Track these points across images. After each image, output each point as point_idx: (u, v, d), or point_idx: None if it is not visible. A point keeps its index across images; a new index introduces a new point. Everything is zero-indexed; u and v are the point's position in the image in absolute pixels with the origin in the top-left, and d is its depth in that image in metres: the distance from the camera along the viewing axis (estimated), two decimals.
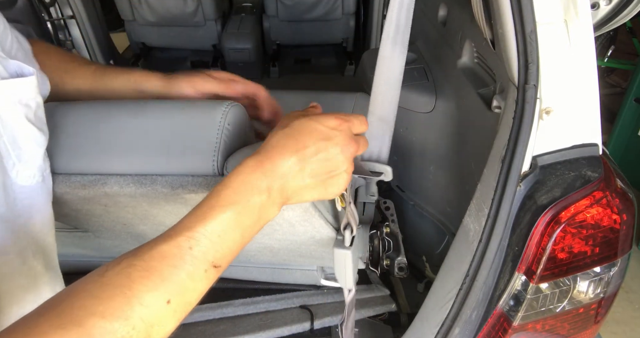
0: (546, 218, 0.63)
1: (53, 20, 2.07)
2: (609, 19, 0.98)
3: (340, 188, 0.50)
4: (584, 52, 0.63)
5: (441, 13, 1.23)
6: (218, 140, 0.62)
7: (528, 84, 0.61)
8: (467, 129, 1.04)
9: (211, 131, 0.62)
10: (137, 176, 0.63)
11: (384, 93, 0.75)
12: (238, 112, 0.65)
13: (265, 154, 0.46)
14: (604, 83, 3.15)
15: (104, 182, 0.63)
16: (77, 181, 0.63)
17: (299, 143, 0.46)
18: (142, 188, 0.63)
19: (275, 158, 0.45)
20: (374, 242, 0.93)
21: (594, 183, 0.64)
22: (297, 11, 2.61)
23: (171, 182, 0.63)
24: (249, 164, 0.45)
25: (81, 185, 0.63)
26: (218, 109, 0.63)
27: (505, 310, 0.67)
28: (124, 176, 0.63)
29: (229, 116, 0.63)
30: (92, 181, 0.63)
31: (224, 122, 0.62)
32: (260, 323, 0.85)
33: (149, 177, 0.63)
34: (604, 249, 0.64)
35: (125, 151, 0.63)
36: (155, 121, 0.63)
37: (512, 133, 0.63)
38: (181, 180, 0.63)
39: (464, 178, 1.07)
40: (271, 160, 0.45)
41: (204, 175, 0.63)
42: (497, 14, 0.63)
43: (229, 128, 0.62)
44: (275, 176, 0.45)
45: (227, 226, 0.42)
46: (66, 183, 0.63)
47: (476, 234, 0.67)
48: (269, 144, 0.47)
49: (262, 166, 0.45)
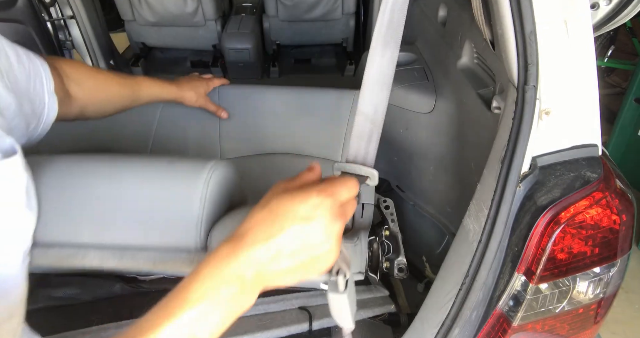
0: (546, 219, 0.63)
1: (53, 20, 2.07)
2: (609, 19, 0.98)
3: (326, 266, 0.46)
4: (583, 53, 0.63)
5: (441, 13, 1.23)
6: (200, 212, 0.57)
7: (528, 84, 0.61)
8: (467, 130, 1.04)
9: (193, 202, 0.57)
10: (118, 250, 0.59)
11: (372, 92, 0.73)
12: (223, 172, 0.60)
13: (239, 239, 0.43)
14: (604, 83, 3.15)
15: (83, 255, 0.59)
16: (54, 254, 0.59)
17: (274, 227, 0.42)
18: (123, 262, 0.59)
19: (249, 245, 0.42)
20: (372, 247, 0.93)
21: (593, 184, 0.64)
22: (297, 11, 2.61)
23: (153, 258, 0.59)
24: (222, 252, 0.42)
25: (58, 259, 0.59)
26: (200, 176, 0.58)
27: (504, 310, 0.67)
28: (103, 251, 0.59)
29: (211, 183, 0.58)
30: (70, 255, 0.59)
31: (206, 191, 0.57)
32: (258, 324, 0.85)
33: (129, 252, 0.59)
34: (603, 249, 0.65)
35: (103, 221, 0.58)
36: (133, 190, 0.58)
37: (511, 133, 0.63)
38: (163, 256, 0.59)
39: (463, 178, 1.07)
40: (244, 247, 0.42)
41: (187, 250, 0.59)
42: (497, 15, 0.63)
43: (212, 195, 0.57)
44: (249, 263, 0.42)
45: (195, 324, 0.40)
46: (44, 257, 0.58)
47: (476, 234, 0.67)
48: (244, 226, 0.43)
49: (235, 254, 0.42)
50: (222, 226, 0.58)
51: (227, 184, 0.61)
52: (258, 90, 1.26)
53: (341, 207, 0.45)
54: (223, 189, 0.60)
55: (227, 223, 0.59)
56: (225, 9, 2.78)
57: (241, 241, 0.42)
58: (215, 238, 0.57)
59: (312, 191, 0.44)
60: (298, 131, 1.19)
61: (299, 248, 0.43)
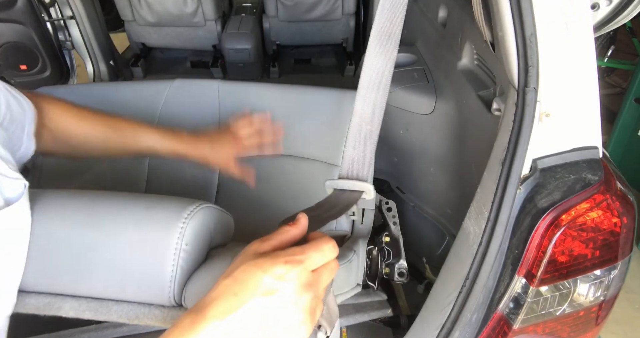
0: (546, 221, 0.62)
1: (53, 20, 2.07)
2: (609, 20, 0.98)
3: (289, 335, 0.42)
4: (584, 55, 0.62)
5: (441, 14, 1.23)
6: (174, 267, 0.55)
7: (528, 87, 0.61)
8: (467, 131, 1.04)
9: (166, 256, 0.55)
10: (93, 302, 0.58)
11: (369, 93, 0.72)
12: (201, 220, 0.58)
13: (201, 311, 0.40)
14: (604, 83, 3.15)
15: (59, 306, 0.58)
16: (32, 303, 0.58)
17: (237, 299, 0.39)
18: (99, 315, 0.58)
19: (209, 317, 0.39)
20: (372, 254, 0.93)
21: (594, 186, 0.64)
22: (297, 11, 2.61)
23: (127, 312, 0.57)
24: (183, 324, 0.39)
25: (35, 307, 0.58)
26: (176, 225, 0.55)
27: (505, 313, 0.67)
28: (80, 301, 0.58)
29: (187, 232, 0.55)
30: (47, 304, 0.58)
31: (181, 243, 0.55)
32: None
33: (104, 304, 0.58)
34: (604, 252, 0.64)
35: (80, 271, 0.57)
36: (111, 238, 0.57)
37: (512, 135, 0.63)
38: (137, 311, 0.57)
39: (464, 180, 1.07)
40: (203, 321, 0.39)
41: (160, 306, 0.57)
42: (497, 17, 0.63)
43: (187, 248, 0.55)
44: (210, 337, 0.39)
45: None
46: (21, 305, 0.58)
47: (476, 237, 0.67)
48: (208, 296, 0.41)
49: (195, 328, 0.39)
50: (197, 279, 0.56)
51: (206, 230, 0.59)
52: (259, 88, 1.25)
53: (314, 274, 0.42)
54: (200, 238, 0.57)
55: (202, 276, 0.57)
56: (225, 9, 2.78)
57: (202, 314, 0.39)
58: (190, 293, 0.56)
59: (278, 259, 0.40)
60: (299, 133, 1.18)
61: (263, 322, 0.40)
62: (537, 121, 0.62)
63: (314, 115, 1.19)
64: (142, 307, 0.58)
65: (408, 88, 1.22)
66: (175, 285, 0.55)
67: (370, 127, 0.71)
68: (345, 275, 0.83)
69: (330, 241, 0.44)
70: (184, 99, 1.26)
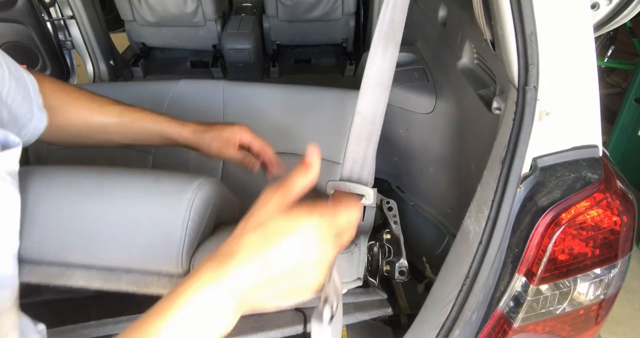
0: (546, 220, 0.63)
1: (53, 20, 2.07)
2: (609, 20, 0.98)
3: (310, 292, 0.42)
4: (583, 54, 0.62)
5: (441, 14, 1.23)
6: (182, 236, 0.55)
7: (528, 85, 0.61)
8: (467, 130, 1.04)
9: (175, 226, 0.56)
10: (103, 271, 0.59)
11: (373, 93, 0.72)
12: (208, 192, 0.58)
13: (227, 263, 0.39)
14: (604, 83, 3.15)
15: (69, 275, 0.59)
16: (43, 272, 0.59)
17: (267, 254, 0.39)
18: (108, 284, 0.58)
19: (238, 272, 0.38)
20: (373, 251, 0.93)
21: (594, 185, 0.64)
22: (297, 11, 2.61)
23: (136, 281, 0.58)
24: (205, 276, 0.38)
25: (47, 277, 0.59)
26: (184, 197, 0.56)
27: (505, 311, 0.67)
28: (90, 271, 0.59)
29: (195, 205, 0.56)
30: (57, 273, 0.59)
31: (189, 213, 0.56)
32: (253, 325, 0.85)
33: (114, 273, 0.59)
34: (604, 251, 0.64)
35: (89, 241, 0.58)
36: (119, 209, 0.57)
37: (512, 134, 0.63)
38: (146, 279, 0.58)
39: (464, 179, 1.07)
40: (232, 274, 0.38)
41: (169, 275, 0.58)
42: (498, 16, 0.63)
43: (195, 218, 0.56)
44: (234, 292, 0.38)
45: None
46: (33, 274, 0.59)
47: (476, 235, 0.67)
48: (233, 248, 0.39)
49: (220, 280, 0.38)
50: (206, 250, 0.57)
51: (213, 204, 0.60)
52: (263, 89, 1.26)
53: (338, 235, 0.43)
54: (208, 210, 0.58)
55: (212, 246, 0.57)
56: (225, 9, 2.78)
57: (229, 266, 0.38)
58: (198, 263, 0.56)
59: (314, 213, 0.40)
60: (301, 131, 1.19)
61: (290, 272, 0.40)
62: (537, 120, 0.62)
63: (317, 114, 1.20)
64: (151, 275, 0.58)
65: (408, 87, 1.22)
66: (184, 253, 0.56)
67: (372, 127, 0.72)
68: (347, 265, 0.84)
69: (358, 203, 0.46)
70: (189, 99, 1.26)
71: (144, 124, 0.78)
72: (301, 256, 0.40)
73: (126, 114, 0.77)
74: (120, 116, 0.76)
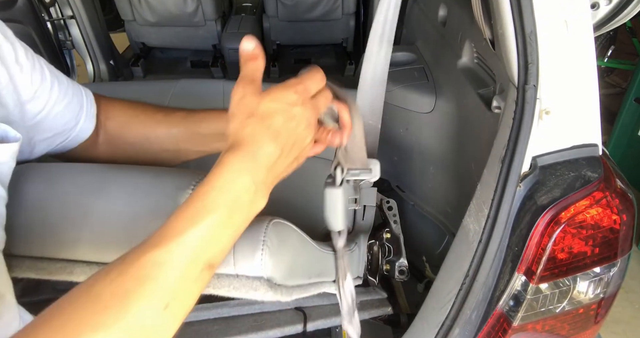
0: (546, 219, 0.63)
1: (53, 20, 2.07)
2: (609, 19, 0.98)
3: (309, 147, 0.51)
4: (583, 53, 0.63)
5: (441, 13, 1.23)
6: None
7: (528, 84, 0.61)
8: (467, 130, 1.04)
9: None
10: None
11: (372, 90, 0.74)
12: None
13: (245, 148, 0.45)
14: (604, 83, 3.15)
15: (70, 271, 0.59)
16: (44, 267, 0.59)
17: (271, 130, 0.45)
18: None
19: (256, 152, 0.45)
20: (373, 250, 0.93)
21: (593, 184, 0.64)
22: (297, 11, 2.61)
23: None
24: (231, 162, 0.44)
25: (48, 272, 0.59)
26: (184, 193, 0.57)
27: (505, 310, 0.67)
28: (91, 266, 0.59)
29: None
30: (58, 269, 0.59)
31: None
32: (253, 324, 0.84)
33: None
34: (603, 249, 0.64)
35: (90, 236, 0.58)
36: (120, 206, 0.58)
37: (512, 133, 0.63)
38: None
39: (463, 178, 1.07)
40: (252, 155, 0.44)
41: None
42: (497, 15, 0.63)
43: None
44: (259, 169, 0.45)
45: (220, 227, 0.42)
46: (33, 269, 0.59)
47: (476, 234, 0.67)
48: (243, 138, 0.45)
49: (245, 162, 0.44)
50: None
51: None
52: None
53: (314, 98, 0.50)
54: None
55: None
56: (225, 9, 2.78)
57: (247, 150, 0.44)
58: None
59: (289, 89, 0.47)
60: None
61: (293, 146, 0.48)
62: (537, 119, 0.62)
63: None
64: None
65: (408, 87, 1.22)
66: None
67: (372, 122, 0.73)
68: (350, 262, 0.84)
69: (319, 70, 0.51)
70: (189, 99, 1.26)
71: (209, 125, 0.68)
72: (295, 123, 0.47)
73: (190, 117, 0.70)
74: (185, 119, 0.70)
